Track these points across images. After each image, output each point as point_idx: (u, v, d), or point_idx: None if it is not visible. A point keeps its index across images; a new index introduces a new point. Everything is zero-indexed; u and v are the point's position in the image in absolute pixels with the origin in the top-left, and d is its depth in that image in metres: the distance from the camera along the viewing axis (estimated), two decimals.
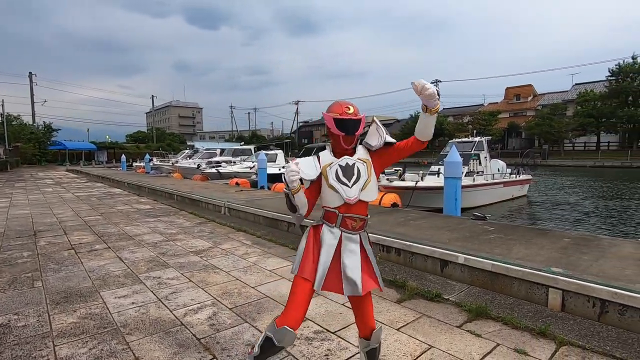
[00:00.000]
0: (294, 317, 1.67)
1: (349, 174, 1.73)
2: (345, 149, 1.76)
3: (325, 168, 1.75)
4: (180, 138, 66.37)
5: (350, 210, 1.73)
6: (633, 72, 33.62)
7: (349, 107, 1.71)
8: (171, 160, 22.01)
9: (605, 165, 31.50)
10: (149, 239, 5.43)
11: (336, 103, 1.75)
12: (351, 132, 1.70)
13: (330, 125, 1.69)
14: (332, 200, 1.74)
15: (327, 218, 1.77)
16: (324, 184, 1.75)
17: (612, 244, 3.99)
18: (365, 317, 1.83)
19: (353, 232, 1.75)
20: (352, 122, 1.69)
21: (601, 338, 2.43)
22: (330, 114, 1.70)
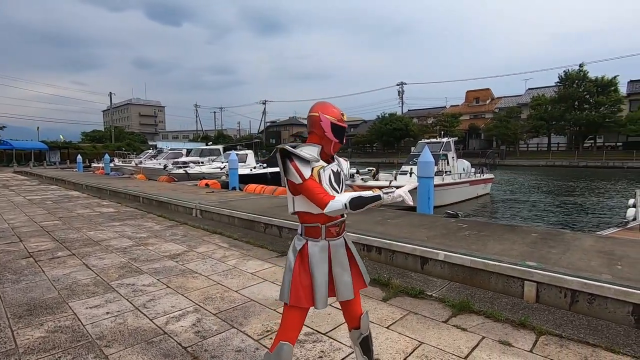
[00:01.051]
0: (290, 336, 1.65)
1: (338, 181, 1.70)
2: (331, 155, 1.71)
3: (318, 170, 1.61)
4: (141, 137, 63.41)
5: (332, 218, 1.66)
6: (578, 79, 36.38)
7: (343, 114, 1.66)
8: (134, 161, 20.95)
9: (555, 165, 33.88)
10: (117, 244, 5.13)
11: (330, 105, 1.66)
12: (343, 141, 1.68)
13: (327, 129, 1.61)
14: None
15: (310, 234, 1.68)
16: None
17: (575, 237, 4.28)
18: (354, 308, 1.82)
19: (338, 237, 1.72)
20: (345, 130, 1.67)
21: (574, 326, 2.59)
22: (328, 116, 1.62)
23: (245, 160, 16.18)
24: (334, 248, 1.70)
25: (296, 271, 1.64)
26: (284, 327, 1.67)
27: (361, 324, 1.82)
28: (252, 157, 17.11)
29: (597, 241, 4.07)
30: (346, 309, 1.82)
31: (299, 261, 1.66)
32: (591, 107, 35.68)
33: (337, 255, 1.70)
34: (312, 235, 1.67)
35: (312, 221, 1.66)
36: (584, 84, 35.93)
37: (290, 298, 1.62)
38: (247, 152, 17.29)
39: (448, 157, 11.83)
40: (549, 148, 40.11)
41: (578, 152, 36.13)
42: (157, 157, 21.87)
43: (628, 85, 39.59)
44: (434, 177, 6.96)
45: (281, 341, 1.63)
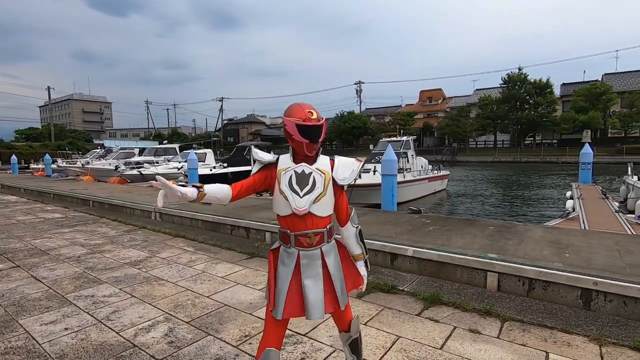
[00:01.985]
0: (273, 341, 1.60)
1: (303, 183, 1.59)
2: (307, 156, 1.62)
3: (280, 173, 1.61)
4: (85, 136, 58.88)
5: (301, 227, 1.59)
6: (519, 81, 39.39)
7: (312, 112, 1.55)
8: (79, 162, 19.40)
9: (501, 161, 36.42)
10: (69, 252, 4.74)
11: (296, 106, 1.58)
12: (315, 140, 1.56)
13: (293, 131, 1.53)
14: (281, 208, 1.61)
15: (282, 238, 1.65)
16: (276, 189, 1.61)
17: (526, 229, 4.64)
18: (344, 315, 1.79)
19: (311, 248, 1.61)
20: (317, 128, 1.56)
21: (533, 311, 2.81)
22: (291, 118, 1.54)
23: (204, 159, 15.63)
24: (306, 259, 1.60)
25: (270, 271, 1.65)
26: (266, 331, 1.63)
27: (351, 328, 1.82)
28: (212, 156, 16.57)
29: (546, 232, 4.45)
30: (336, 314, 1.77)
31: (272, 262, 1.66)
32: (530, 107, 38.77)
33: (309, 267, 1.60)
34: (284, 240, 1.65)
35: (282, 226, 1.66)
36: (524, 86, 38.93)
37: (269, 300, 1.62)
38: (206, 151, 16.70)
39: (408, 155, 12.30)
40: (495, 145, 43.01)
41: (520, 148, 39.13)
42: (106, 157, 20.43)
43: (561, 88, 43.52)
44: (397, 175, 7.20)
45: (266, 348, 1.58)
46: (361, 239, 1.78)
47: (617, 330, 2.49)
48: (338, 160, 1.70)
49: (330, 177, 1.63)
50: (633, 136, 34.51)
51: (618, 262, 3.20)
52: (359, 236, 1.78)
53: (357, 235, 1.77)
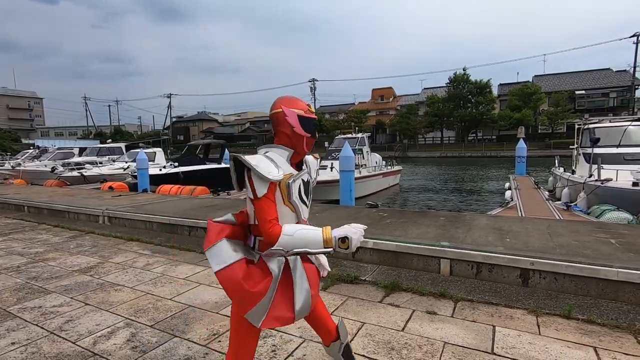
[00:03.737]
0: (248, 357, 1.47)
1: (308, 192, 1.52)
2: (303, 155, 1.51)
3: (285, 181, 1.39)
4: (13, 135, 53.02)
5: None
6: (463, 81, 42.18)
7: (310, 105, 1.48)
8: (8, 163, 17.49)
9: (448, 156, 38.76)
10: (6, 262, 4.33)
11: (294, 98, 1.47)
12: (315, 134, 1.47)
13: (295, 123, 1.40)
14: (283, 221, 1.39)
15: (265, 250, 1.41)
16: (278, 201, 1.38)
17: (473, 218, 5.05)
18: (324, 321, 1.69)
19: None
20: (315, 122, 1.48)
21: (481, 291, 3.11)
22: (294, 109, 1.42)
23: (154, 159, 14.86)
24: (293, 262, 1.46)
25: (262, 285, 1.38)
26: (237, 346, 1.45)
27: (340, 333, 1.73)
28: (162, 155, 15.79)
29: (489, 220, 4.88)
30: (315, 322, 1.67)
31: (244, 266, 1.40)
32: (472, 106, 41.68)
33: (296, 266, 1.46)
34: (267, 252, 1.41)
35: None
36: (467, 85, 41.74)
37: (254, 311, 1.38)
38: (156, 150, 15.87)
39: (363, 151, 12.70)
40: (442, 141, 45.64)
41: (464, 144, 41.93)
42: (40, 157, 18.62)
43: (499, 88, 47.19)
44: (354, 171, 7.43)
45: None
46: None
47: (550, 302, 2.84)
48: (307, 159, 1.59)
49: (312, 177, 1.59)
50: (559, 132, 38.43)
51: (549, 244, 3.62)
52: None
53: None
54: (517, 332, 2.42)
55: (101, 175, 13.95)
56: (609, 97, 39.10)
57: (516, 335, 2.39)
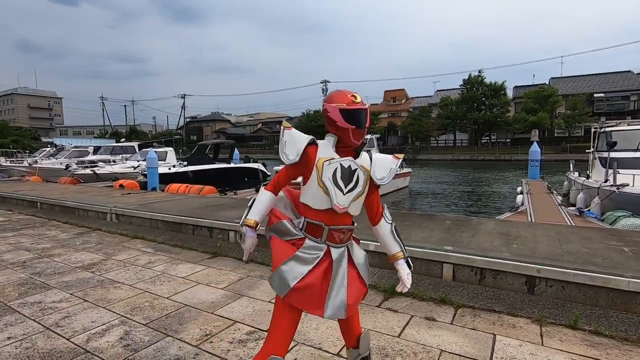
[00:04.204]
0: (279, 347, 1.44)
1: (347, 179, 1.48)
2: (353, 145, 1.49)
3: (322, 162, 1.46)
4: (33, 133, 54.60)
5: (337, 222, 1.50)
6: (477, 83, 41.54)
7: (355, 96, 1.45)
8: (26, 161, 17.98)
9: (460, 159, 38.25)
10: (12, 257, 4.41)
11: (338, 92, 1.48)
12: (362, 125, 1.44)
13: (337, 117, 1.42)
14: (317, 200, 1.47)
15: (311, 231, 1.50)
16: (313, 181, 1.47)
17: (480, 222, 4.92)
18: (352, 324, 1.66)
19: (340, 244, 1.53)
20: (363, 112, 1.44)
21: (483, 298, 3.00)
22: (334, 104, 1.43)
23: (165, 158, 15.06)
24: (337, 255, 1.50)
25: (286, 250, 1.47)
26: (272, 333, 1.46)
27: (360, 344, 1.67)
28: (173, 154, 15.99)
29: (497, 224, 4.74)
30: (344, 325, 1.66)
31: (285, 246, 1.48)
32: (486, 108, 40.98)
33: (339, 263, 1.50)
34: (313, 234, 1.49)
35: (312, 217, 1.50)
36: (481, 88, 41.10)
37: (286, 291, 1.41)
38: (167, 150, 16.09)
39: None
40: (454, 144, 45.07)
41: (477, 147, 41.27)
42: (56, 155, 19.08)
43: (514, 90, 46.34)
44: None
45: (272, 355, 1.41)
46: (398, 236, 1.67)
47: (556, 312, 2.72)
48: (375, 157, 1.61)
49: (369, 175, 1.55)
50: (576, 135, 37.48)
51: (558, 251, 3.49)
52: (395, 232, 1.66)
53: (392, 232, 1.65)
54: (519, 342, 2.32)
55: (113, 173, 14.19)
56: (630, 100, 37.98)
57: (517, 345, 2.29)
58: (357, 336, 1.67)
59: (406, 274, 1.65)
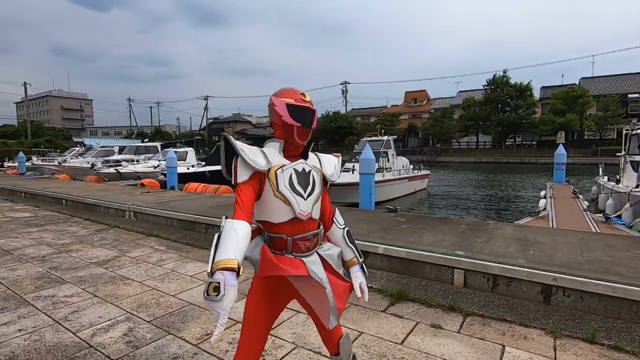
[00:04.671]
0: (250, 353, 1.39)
1: (305, 183, 1.40)
2: (298, 146, 1.43)
3: (274, 171, 1.35)
4: (65, 134, 57.19)
5: (299, 230, 1.39)
6: (502, 83, 40.31)
7: (305, 95, 1.42)
8: (57, 160, 18.83)
9: (483, 161, 37.19)
10: (34, 252, 4.59)
11: (287, 89, 1.43)
12: (308, 124, 1.40)
13: (283, 112, 1.35)
14: (277, 214, 1.37)
15: (274, 245, 1.39)
16: (268, 193, 1.36)
17: (497, 227, 4.73)
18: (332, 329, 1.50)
19: (308, 253, 1.42)
20: (310, 111, 1.40)
21: (495, 306, 2.87)
22: (282, 98, 1.38)
23: (186, 158, 15.40)
24: (310, 266, 1.38)
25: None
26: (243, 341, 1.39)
27: (340, 349, 1.54)
28: (193, 155, 16.34)
29: (515, 230, 4.55)
30: (323, 330, 1.54)
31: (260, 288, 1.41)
32: (511, 110, 39.68)
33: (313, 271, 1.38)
34: (276, 248, 1.39)
35: (273, 231, 1.39)
36: (506, 88, 39.86)
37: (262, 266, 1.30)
38: (188, 150, 16.46)
39: (388, 154, 12.41)
40: (477, 146, 43.89)
41: (501, 149, 40.03)
42: (84, 155, 19.89)
43: (541, 91, 44.73)
44: (375, 174, 7.25)
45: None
46: (350, 241, 1.56)
47: (572, 324, 2.56)
48: (320, 156, 1.56)
49: (322, 174, 1.50)
50: (608, 138, 35.75)
51: (578, 259, 3.29)
52: (347, 238, 1.55)
53: (345, 237, 1.55)
54: (529, 355, 2.19)
55: (135, 172, 14.64)
56: None
57: (527, 357, 2.17)
58: (338, 339, 1.55)
59: (358, 282, 1.51)
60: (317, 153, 1.60)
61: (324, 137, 50.85)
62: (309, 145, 1.49)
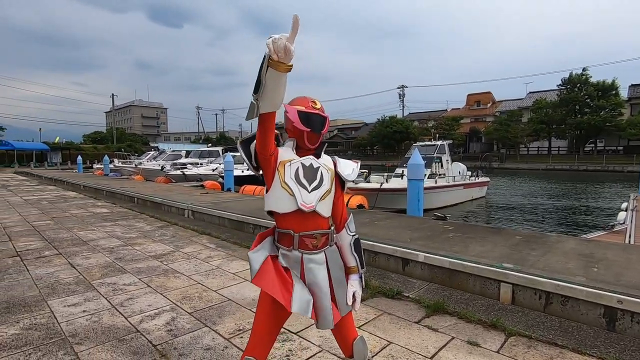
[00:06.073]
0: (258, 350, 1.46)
1: (311, 177, 1.47)
2: (309, 149, 1.50)
3: (283, 164, 1.45)
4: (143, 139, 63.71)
5: (307, 227, 1.46)
6: (581, 82, 36.32)
7: (316, 102, 1.50)
8: (134, 162, 21.06)
9: (555, 169, 33.80)
10: (105, 244, 5.16)
11: (299, 97, 1.52)
12: (318, 129, 1.46)
13: (294, 119, 1.42)
14: (282, 204, 1.44)
15: (281, 240, 1.49)
16: (276, 184, 1.45)
17: (558, 240, 4.28)
18: (344, 329, 1.57)
19: (315, 251, 1.49)
20: (320, 117, 1.47)
21: (545, 328, 2.59)
22: (293, 106, 1.47)
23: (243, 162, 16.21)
24: (311, 263, 1.48)
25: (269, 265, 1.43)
26: (253, 335, 1.47)
27: (354, 352, 1.56)
28: None
29: (580, 244, 4.07)
30: (337, 330, 1.57)
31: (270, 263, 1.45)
32: (592, 111, 35.56)
33: (314, 272, 1.47)
34: (283, 243, 1.48)
35: (282, 226, 1.49)
36: (586, 87, 35.86)
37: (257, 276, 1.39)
38: None
39: (442, 159, 11.85)
40: (549, 152, 40.03)
41: (578, 155, 36.03)
42: (157, 158, 21.97)
43: (629, 89, 39.53)
44: (424, 180, 6.98)
45: (247, 356, 1.45)
46: (356, 250, 1.58)
47: (639, 356, 2.22)
48: (338, 159, 1.62)
49: (334, 174, 1.54)
50: None
51: None
52: (354, 246, 1.58)
53: (351, 245, 1.57)
54: None
55: (198, 174, 15.77)
56: None
57: None
58: (352, 341, 1.57)
59: (352, 291, 1.54)
60: (335, 157, 1.64)
61: (379, 142, 50.21)
62: (322, 148, 1.56)
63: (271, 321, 1.48)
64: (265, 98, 1.23)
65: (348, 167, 1.60)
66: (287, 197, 1.44)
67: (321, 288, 1.47)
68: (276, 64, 1.17)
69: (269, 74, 1.19)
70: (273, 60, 1.16)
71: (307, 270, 1.47)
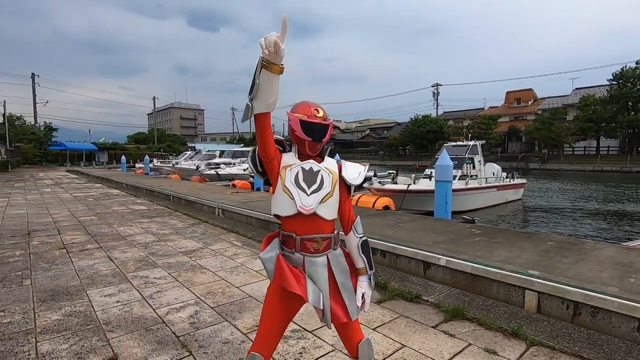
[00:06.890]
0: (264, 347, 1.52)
1: (310, 180, 1.50)
2: (309, 156, 1.55)
3: (284, 169, 1.50)
4: (181, 139, 66.55)
5: (308, 231, 1.50)
6: (634, 77, 33.54)
7: (318, 110, 1.51)
8: (172, 162, 22.12)
9: (604, 170, 31.48)
10: (141, 239, 5.49)
11: (303, 103, 1.54)
12: (318, 138, 1.49)
13: (296, 127, 1.47)
14: (284, 207, 1.49)
15: (285, 243, 1.55)
16: (279, 188, 1.50)
17: (595, 247, 4.03)
18: (349, 331, 1.60)
19: (317, 254, 1.53)
20: (321, 127, 1.49)
21: (572, 339, 2.47)
22: (296, 114, 1.49)
23: None
24: (312, 266, 1.52)
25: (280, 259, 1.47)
26: (260, 333, 1.53)
27: (359, 353, 1.58)
28: None
29: (618, 252, 3.81)
30: (342, 332, 1.61)
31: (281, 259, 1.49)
32: None
33: (314, 275, 1.51)
34: (287, 245, 1.54)
35: (286, 229, 1.54)
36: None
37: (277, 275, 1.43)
38: None
39: (474, 160, 11.42)
40: (597, 152, 37.35)
41: (631, 156, 33.31)
42: (193, 158, 22.93)
43: None
44: (452, 182, 6.79)
45: (253, 352, 1.51)
46: (364, 251, 1.60)
47: None
48: (344, 162, 1.65)
49: (337, 177, 1.56)
50: None
51: None
52: (362, 248, 1.59)
53: (359, 247, 1.59)
54: None
55: (230, 174, 16.28)
56: None
57: None
58: (358, 342, 1.59)
59: (362, 292, 1.57)
60: (342, 160, 1.68)
61: (411, 142, 49.18)
62: (325, 152, 1.60)
63: (277, 320, 1.54)
64: (259, 99, 1.31)
65: (354, 171, 1.62)
66: (288, 201, 1.49)
67: (322, 290, 1.51)
68: (269, 65, 1.25)
69: (262, 75, 1.27)
70: (266, 62, 1.25)
71: (308, 272, 1.52)
